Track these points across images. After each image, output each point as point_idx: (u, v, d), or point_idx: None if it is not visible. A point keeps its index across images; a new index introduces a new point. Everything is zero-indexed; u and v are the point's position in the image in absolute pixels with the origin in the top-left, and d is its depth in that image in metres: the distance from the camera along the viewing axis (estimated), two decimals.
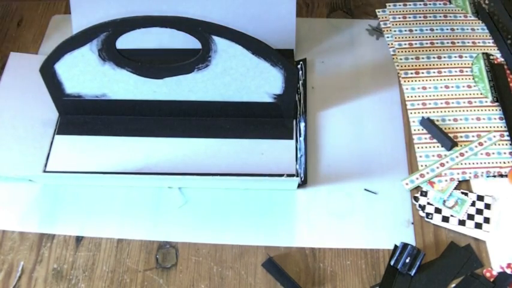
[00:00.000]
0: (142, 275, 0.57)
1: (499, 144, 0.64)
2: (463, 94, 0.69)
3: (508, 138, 0.65)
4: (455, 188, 0.61)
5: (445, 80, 0.70)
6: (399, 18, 0.76)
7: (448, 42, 0.74)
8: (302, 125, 0.65)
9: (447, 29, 0.75)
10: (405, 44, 0.73)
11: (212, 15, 0.70)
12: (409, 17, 0.76)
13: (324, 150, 0.64)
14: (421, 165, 0.63)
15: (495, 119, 0.66)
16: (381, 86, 0.70)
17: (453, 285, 0.55)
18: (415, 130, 0.66)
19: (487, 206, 0.60)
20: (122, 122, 0.66)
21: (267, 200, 0.61)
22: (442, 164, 0.63)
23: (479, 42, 0.74)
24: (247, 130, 0.65)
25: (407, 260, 0.55)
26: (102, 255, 0.58)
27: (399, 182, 0.62)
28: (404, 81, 0.70)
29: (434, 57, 0.72)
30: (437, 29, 0.75)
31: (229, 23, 0.69)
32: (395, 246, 0.57)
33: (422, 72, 0.71)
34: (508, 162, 0.63)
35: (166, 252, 0.58)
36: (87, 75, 0.61)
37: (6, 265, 0.57)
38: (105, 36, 0.56)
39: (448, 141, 0.63)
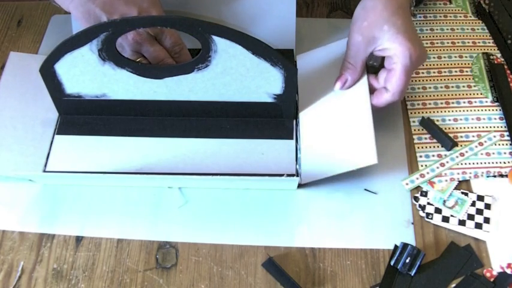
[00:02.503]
0: (142, 275, 0.57)
1: (499, 144, 0.64)
2: (463, 94, 0.69)
3: (508, 138, 0.65)
4: (456, 188, 0.61)
5: (445, 80, 0.70)
6: None
7: (448, 42, 0.74)
8: None
9: (447, 29, 0.75)
10: None
11: (212, 15, 0.70)
12: None
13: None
14: (421, 165, 0.63)
15: (495, 119, 0.66)
16: None
17: (453, 285, 0.55)
18: (415, 130, 0.66)
19: (487, 206, 0.60)
20: (121, 122, 0.66)
21: (267, 200, 0.61)
22: (442, 164, 0.63)
23: (479, 42, 0.74)
24: (247, 130, 0.65)
25: (407, 260, 0.55)
26: (102, 255, 0.58)
27: (399, 182, 0.62)
28: None
29: (434, 57, 0.72)
30: (437, 29, 0.75)
31: (229, 23, 0.69)
32: (395, 246, 0.57)
33: (423, 72, 0.71)
34: (508, 162, 0.63)
35: (166, 252, 0.58)
36: (87, 75, 0.61)
37: (6, 265, 0.57)
38: (105, 36, 0.56)
39: (448, 141, 0.63)
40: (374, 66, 0.65)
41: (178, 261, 0.57)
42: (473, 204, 0.60)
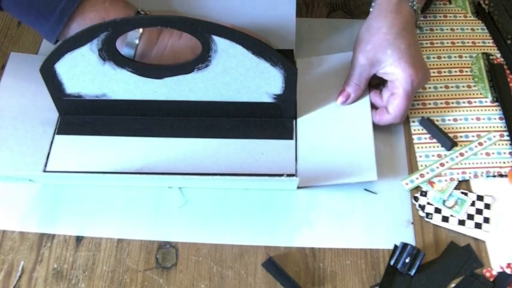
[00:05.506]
0: (142, 275, 0.57)
1: (498, 144, 0.64)
2: (462, 94, 0.69)
3: (508, 138, 0.65)
4: (455, 188, 0.61)
5: (444, 80, 0.70)
6: None
7: (447, 42, 0.74)
8: None
9: (447, 29, 0.75)
10: None
11: (212, 15, 0.70)
12: None
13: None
14: (421, 165, 0.63)
15: (495, 119, 0.66)
16: None
17: (453, 285, 0.55)
18: (415, 130, 0.66)
19: (487, 206, 0.60)
20: (121, 122, 0.66)
21: (267, 200, 0.61)
22: (442, 164, 0.63)
23: (479, 42, 0.74)
24: (247, 130, 0.65)
25: (407, 260, 0.55)
26: (102, 255, 0.58)
27: (399, 182, 0.62)
28: None
29: (434, 57, 0.72)
30: (437, 29, 0.75)
31: (230, 23, 0.69)
32: (395, 246, 0.57)
33: None
34: (508, 162, 0.63)
35: (166, 252, 0.58)
36: (87, 75, 0.61)
37: (6, 265, 0.57)
38: (105, 36, 0.56)
39: (448, 141, 0.63)
40: (378, 84, 0.65)
41: (178, 261, 0.57)
42: (473, 204, 0.60)
